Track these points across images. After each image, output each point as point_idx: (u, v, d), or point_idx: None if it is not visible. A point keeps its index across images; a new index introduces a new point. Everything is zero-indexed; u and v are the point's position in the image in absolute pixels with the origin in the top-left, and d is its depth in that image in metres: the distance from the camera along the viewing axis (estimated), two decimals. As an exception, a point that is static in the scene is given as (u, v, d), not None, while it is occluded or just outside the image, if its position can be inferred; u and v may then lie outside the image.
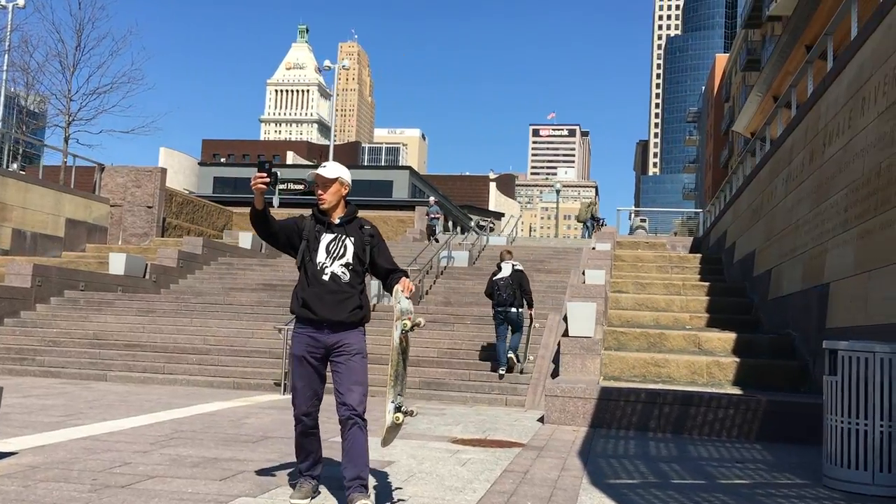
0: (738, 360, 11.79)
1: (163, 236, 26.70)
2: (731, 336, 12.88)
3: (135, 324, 14.19)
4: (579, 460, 6.40)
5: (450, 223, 47.30)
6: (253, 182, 4.49)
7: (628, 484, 5.55)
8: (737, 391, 11.08)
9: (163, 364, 12.33)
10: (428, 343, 13.00)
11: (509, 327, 11.91)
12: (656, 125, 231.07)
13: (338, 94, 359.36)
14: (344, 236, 4.69)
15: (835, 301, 10.95)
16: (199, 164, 69.02)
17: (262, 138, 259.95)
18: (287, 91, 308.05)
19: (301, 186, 62.00)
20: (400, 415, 4.52)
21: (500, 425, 8.56)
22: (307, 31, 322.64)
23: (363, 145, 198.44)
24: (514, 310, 11.93)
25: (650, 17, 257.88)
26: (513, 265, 12.34)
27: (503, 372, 11.77)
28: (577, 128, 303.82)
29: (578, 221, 34.48)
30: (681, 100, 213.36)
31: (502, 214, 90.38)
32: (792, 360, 12.08)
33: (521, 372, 11.98)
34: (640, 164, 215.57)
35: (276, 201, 47.00)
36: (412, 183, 65.72)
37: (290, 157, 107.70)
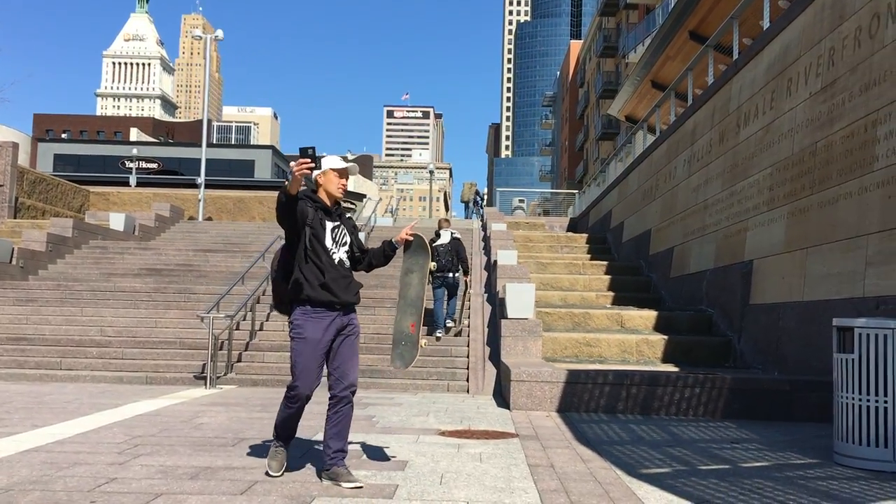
0: (665, 337, 11.92)
1: (15, 217, 24.35)
2: (651, 314, 13.04)
3: (15, 314, 12.64)
4: (589, 450, 6.09)
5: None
6: (297, 168, 4.42)
7: (666, 473, 5.28)
8: (670, 368, 11.19)
9: (58, 359, 11.01)
10: (351, 328, 12.35)
11: (446, 291, 12.49)
12: (508, 109, 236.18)
13: (181, 70, 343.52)
14: (341, 224, 4.88)
15: (760, 278, 11.24)
16: (36, 140, 63.84)
17: (98, 113, 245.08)
18: (126, 64, 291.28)
19: (155, 165, 58.64)
20: (424, 340, 5.13)
21: (469, 414, 8.14)
22: (147, 0, 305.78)
23: (213, 123, 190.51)
24: (451, 275, 12.59)
25: (501, 3, 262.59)
26: (451, 233, 13.02)
27: (440, 335, 12.23)
28: (430, 110, 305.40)
29: (462, 202, 34.64)
30: (531, 84, 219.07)
31: (364, 195, 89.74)
32: (713, 337, 12.36)
33: (459, 335, 12.46)
34: (493, 146, 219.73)
35: (132, 180, 44.21)
36: (275, 163, 63.66)
37: (135, 134, 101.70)
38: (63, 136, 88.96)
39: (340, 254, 4.82)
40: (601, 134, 61.49)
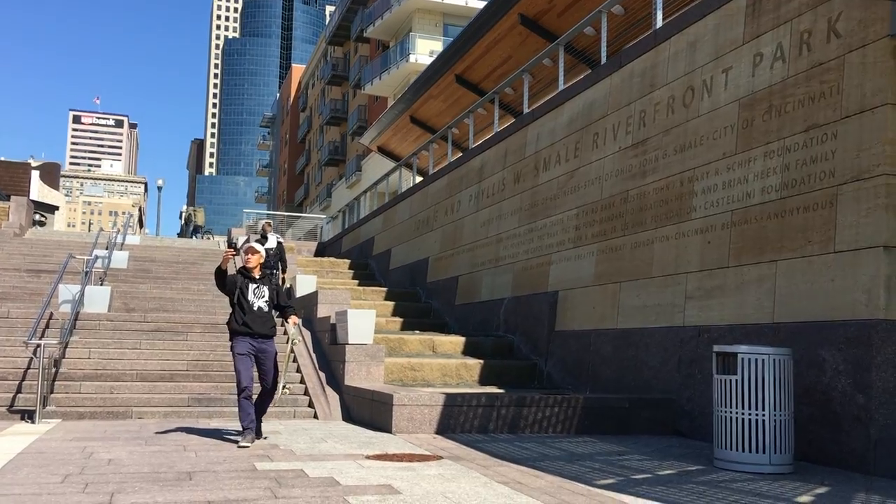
0: (480, 362, 12.76)
1: None
2: (459, 340, 13.84)
3: None
4: (524, 467, 6.61)
5: None
6: (226, 254, 7.85)
7: (617, 483, 5.97)
8: (491, 389, 12.04)
9: None
10: (169, 355, 11.67)
11: None
12: (213, 125, 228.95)
13: None
14: (263, 286, 8.13)
15: (568, 307, 12.54)
16: None
17: None
18: None
19: None
20: (286, 389, 8.52)
21: (360, 438, 8.23)
22: None
23: None
24: (274, 272, 15.21)
25: (208, 15, 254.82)
26: (276, 237, 15.96)
27: None
28: (125, 119, 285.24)
29: (198, 224, 33.90)
30: (239, 102, 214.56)
31: (56, 207, 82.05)
32: (518, 360, 13.45)
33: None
34: (196, 163, 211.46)
35: None
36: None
37: None
38: None
39: (259, 303, 8.00)
40: (327, 160, 62.38)
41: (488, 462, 6.78)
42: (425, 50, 42.09)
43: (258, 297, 7.98)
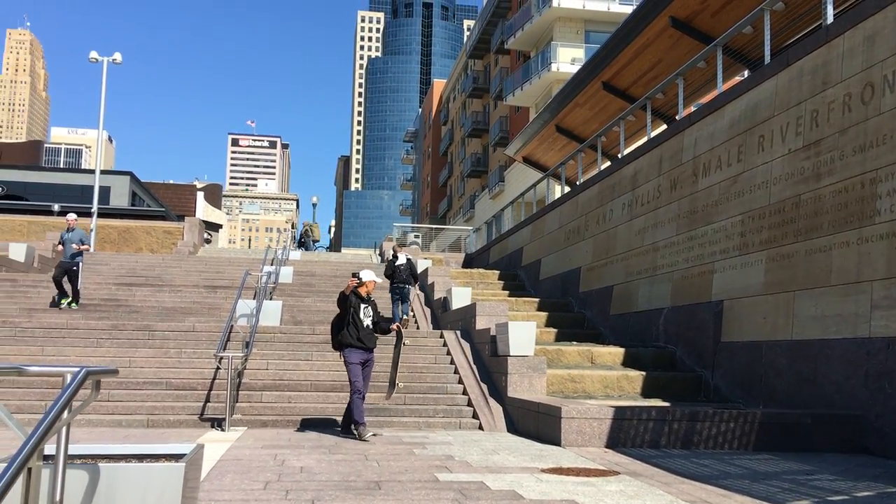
0: (642, 373, 12.49)
1: None
2: (619, 351, 13.61)
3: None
4: (707, 485, 6.41)
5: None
6: (350, 282, 9.61)
7: (816, 504, 5.68)
8: (656, 402, 11.74)
9: (39, 402, 10.07)
10: (338, 366, 12.11)
11: (400, 298, 16.78)
12: (358, 141, 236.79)
13: (4, 87, 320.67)
14: (369, 306, 9.71)
15: (734, 316, 12.06)
16: None
17: None
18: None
19: None
20: (399, 384, 10.29)
21: (530, 451, 8.25)
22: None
23: (43, 145, 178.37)
24: (406, 287, 16.95)
25: (352, 37, 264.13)
26: (406, 256, 17.35)
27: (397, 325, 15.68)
28: (277, 139, 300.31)
29: (317, 239, 35.71)
30: (382, 119, 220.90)
31: (220, 226, 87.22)
32: (679, 372, 13.07)
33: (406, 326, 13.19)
34: (342, 179, 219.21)
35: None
36: (132, 190, 60.62)
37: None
38: None
39: (367, 321, 9.57)
40: (470, 171, 63.01)
41: (668, 479, 6.61)
42: (567, 58, 41.80)
43: (366, 316, 9.54)
